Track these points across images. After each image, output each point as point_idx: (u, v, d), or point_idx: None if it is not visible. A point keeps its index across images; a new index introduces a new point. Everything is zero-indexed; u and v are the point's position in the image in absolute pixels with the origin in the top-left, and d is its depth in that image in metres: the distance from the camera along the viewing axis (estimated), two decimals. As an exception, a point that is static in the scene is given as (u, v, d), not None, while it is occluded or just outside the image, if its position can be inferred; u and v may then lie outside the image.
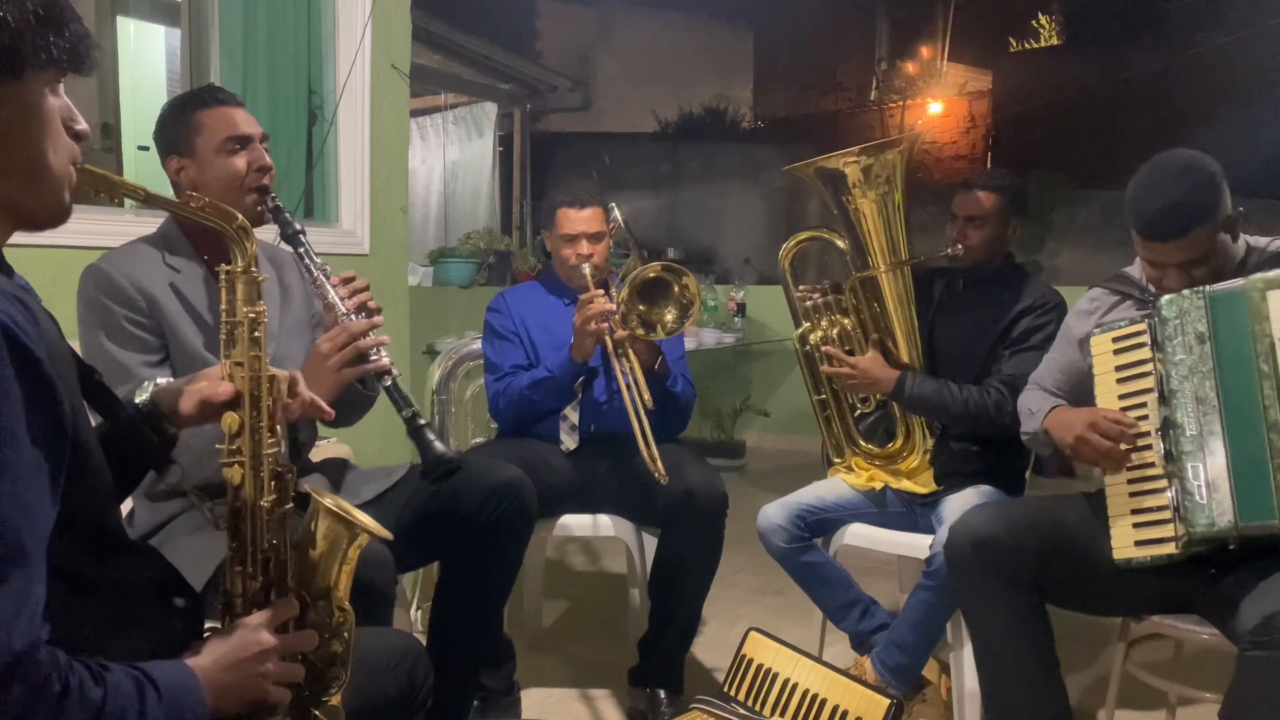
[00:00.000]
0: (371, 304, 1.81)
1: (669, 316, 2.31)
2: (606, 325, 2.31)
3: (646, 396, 2.27)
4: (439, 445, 1.72)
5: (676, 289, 2.30)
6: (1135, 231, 1.78)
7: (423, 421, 1.72)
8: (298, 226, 1.81)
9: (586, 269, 2.44)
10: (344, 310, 1.75)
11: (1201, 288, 1.70)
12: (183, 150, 1.77)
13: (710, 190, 9.25)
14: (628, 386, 2.30)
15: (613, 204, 2.56)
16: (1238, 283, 1.68)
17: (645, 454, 2.23)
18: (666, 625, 2.33)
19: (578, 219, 2.45)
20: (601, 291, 2.35)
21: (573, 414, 2.47)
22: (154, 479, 1.55)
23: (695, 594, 2.33)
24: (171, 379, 1.31)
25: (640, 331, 2.29)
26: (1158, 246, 1.75)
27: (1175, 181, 1.74)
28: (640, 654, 2.39)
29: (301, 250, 1.79)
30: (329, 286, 1.77)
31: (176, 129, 1.78)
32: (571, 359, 2.37)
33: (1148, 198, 1.75)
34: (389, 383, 1.73)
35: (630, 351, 2.33)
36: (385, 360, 1.73)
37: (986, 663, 1.89)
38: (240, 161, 1.76)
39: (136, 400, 1.25)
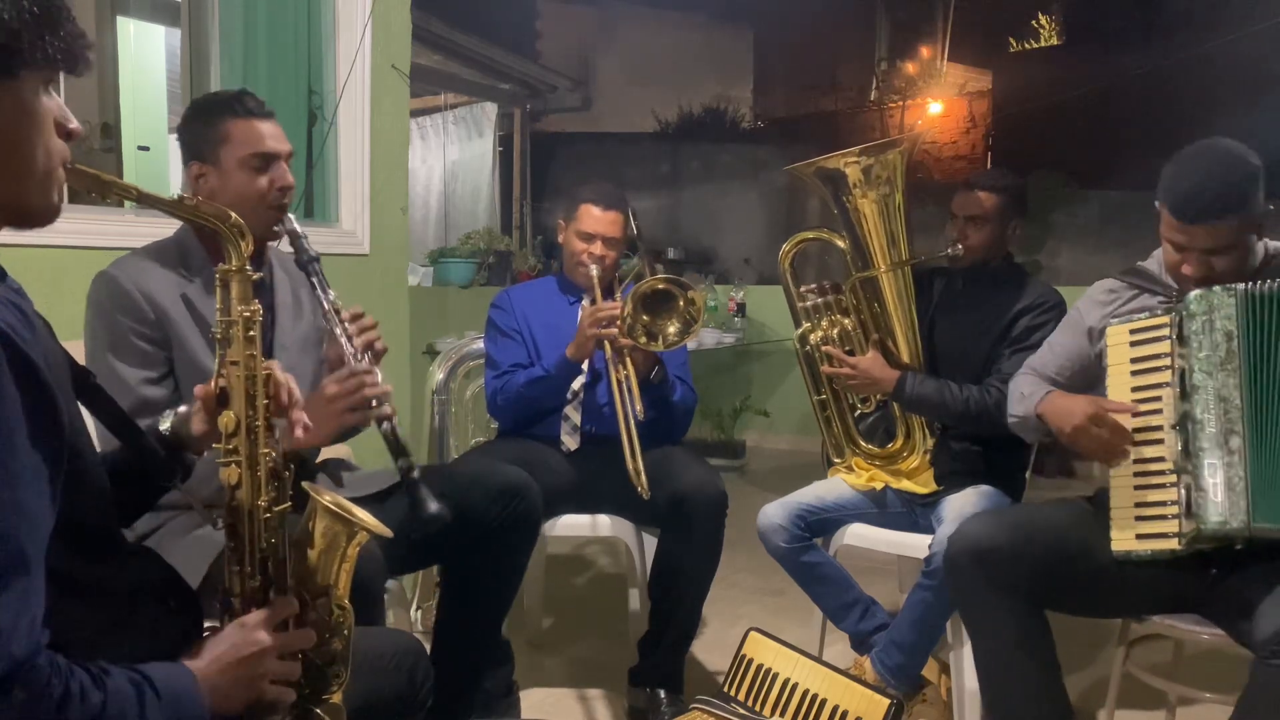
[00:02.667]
0: (379, 345, 1.78)
1: (671, 329, 2.31)
2: (612, 331, 2.30)
3: (639, 407, 2.26)
4: (432, 505, 1.69)
5: (681, 303, 2.29)
6: (1168, 209, 1.74)
7: (417, 475, 1.70)
8: (312, 253, 1.78)
9: (594, 270, 2.43)
10: (351, 350, 1.72)
11: (1236, 285, 1.68)
12: (206, 157, 1.74)
13: (710, 190, 9.24)
14: (621, 394, 2.29)
15: (632, 209, 2.54)
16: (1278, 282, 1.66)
17: (630, 465, 2.23)
18: (666, 625, 2.33)
19: (600, 219, 2.45)
20: (617, 306, 2.33)
21: (575, 414, 2.47)
22: None
23: (695, 594, 2.33)
24: (180, 407, 1.30)
25: (643, 340, 2.29)
26: (1187, 228, 1.72)
27: (1218, 166, 1.72)
28: (640, 654, 2.39)
29: (315, 280, 1.77)
30: (338, 322, 1.74)
31: (202, 134, 1.75)
32: (566, 358, 2.37)
33: (1187, 176, 1.72)
34: (387, 429, 1.71)
35: (629, 359, 2.32)
36: (387, 408, 1.71)
37: (988, 671, 1.89)
38: (263, 179, 1.74)
39: (161, 428, 1.25)
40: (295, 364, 1.83)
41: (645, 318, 2.30)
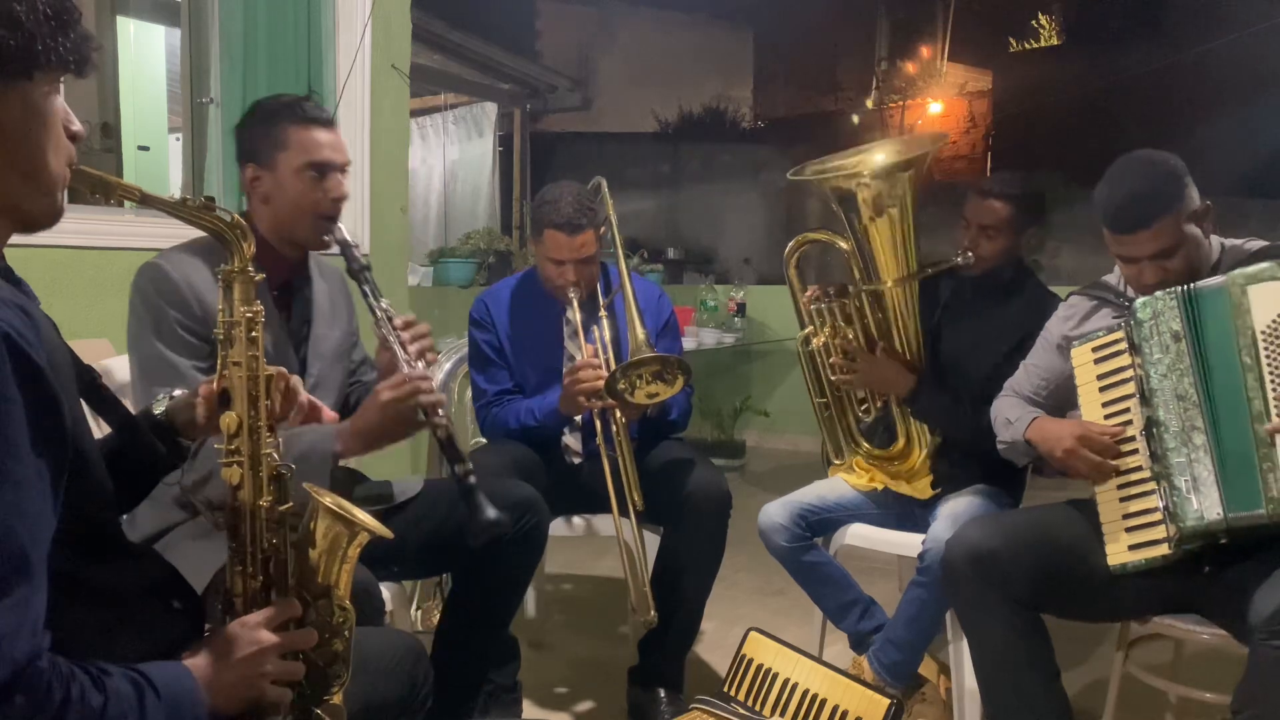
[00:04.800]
0: (431, 355, 1.79)
1: (649, 373, 2.19)
2: (598, 404, 2.24)
3: (637, 497, 2.21)
4: (490, 512, 1.69)
5: (664, 368, 2.19)
6: (1105, 228, 1.81)
7: (474, 481, 1.70)
8: (364, 262, 1.78)
9: (574, 296, 2.32)
10: (405, 356, 1.72)
11: (1175, 288, 1.73)
12: (262, 160, 1.73)
13: (710, 190, 9.24)
14: (616, 481, 2.22)
15: (599, 179, 2.40)
16: (1218, 279, 1.70)
17: (633, 591, 2.17)
18: (668, 625, 2.32)
19: (568, 245, 2.28)
20: (598, 366, 2.23)
21: (574, 442, 2.46)
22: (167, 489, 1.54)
23: (697, 594, 2.33)
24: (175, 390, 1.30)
25: (628, 394, 2.19)
26: (1127, 240, 1.78)
27: (1137, 175, 1.79)
28: (640, 653, 2.39)
29: (366, 289, 1.77)
30: (391, 329, 1.74)
31: (261, 137, 1.73)
32: (559, 412, 2.33)
33: (1113, 193, 1.79)
34: (444, 436, 1.70)
35: (621, 421, 2.26)
36: (442, 415, 1.71)
37: (987, 675, 1.89)
38: (318, 188, 1.73)
39: (155, 411, 1.25)
40: (328, 373, 1.83)
41: (631, 370, 2.19)
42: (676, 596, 2.30)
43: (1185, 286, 1.73)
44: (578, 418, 2.42)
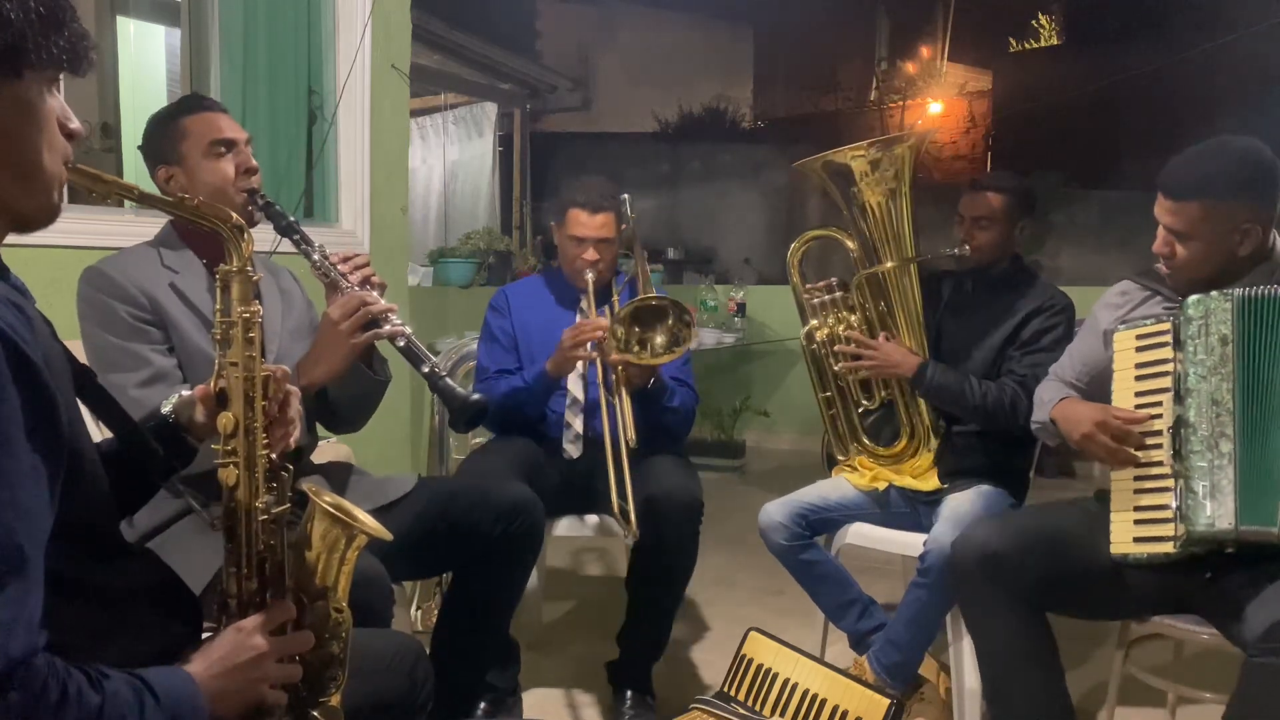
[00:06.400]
0: (375, 279, 1.84)
1: (659, 340, 2.26)
2: (592, 354, 2.28)
3: (631, 434, 2.24)
4: (461, 391, 1.76)
5: (672, 320, 2.25)
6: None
7: (443, 373, 1.75)
8: (290, 218, 1.83)
9: (590, 276, 2.40)
10: (347, 285, 1.78)
11: (1231, 290, 1.69)
12: (170, 158, 1.79)
13: (710, 190, 9.24)
14: (613, 422, 2.26)
15: (626, 196, 2.50)
16: (1274, 288, 1.67)
17: (616, 505, 2.20)
18: (636, 627, 2.33)
19: (589, 224, 2.40)
20: (603, 322, 2.29)
21: (576, 421, 2.45)
22: None
23: (667, 600, 2.32)
24: (184, 389, 1.31)
25: (635, 350, 2.25)
26: (1161, 200, 1.79)
27: (1208, 151, 1.77)
28: (619, 648, 2.38)
29: (297, 238, 1.81)
30: (331, 266, 1.79)
31: (162, 138, 1.80)
32: (545, 371, 2.35)
33: (1181, 154, 1.79)
34: (403, 344, 1.75)
35: (622, 376, 2.29)
36: (398, 323, 1.76)
37: (992, 675, 1.89)
38: (227, 165, 1.78)
39: (163, 410, 1.25)
40: (288, 351, 1.85)
41: (636, 329, 2.26)
42: (646, 602, 2.29)
43: (1245, 290, 1.69)
44: (580, 397, 2.43)
